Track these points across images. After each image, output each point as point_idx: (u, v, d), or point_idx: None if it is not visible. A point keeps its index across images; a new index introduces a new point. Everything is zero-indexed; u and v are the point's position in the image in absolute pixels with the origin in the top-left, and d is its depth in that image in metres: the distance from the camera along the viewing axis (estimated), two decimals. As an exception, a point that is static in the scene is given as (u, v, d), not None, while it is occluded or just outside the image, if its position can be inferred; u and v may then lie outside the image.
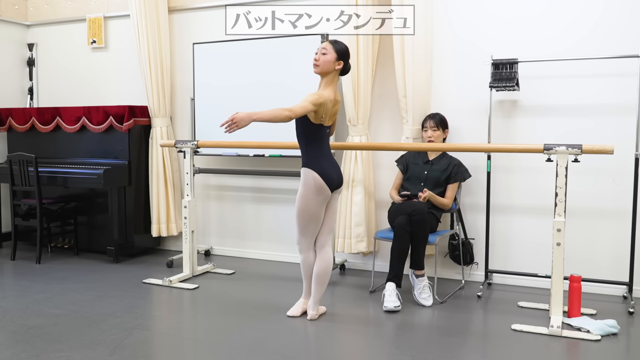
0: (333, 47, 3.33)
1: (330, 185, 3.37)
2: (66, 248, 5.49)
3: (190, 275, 4.53)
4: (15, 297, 3.98)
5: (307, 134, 3.38)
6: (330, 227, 3.54)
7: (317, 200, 3.36)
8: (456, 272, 4.44)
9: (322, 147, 3.41)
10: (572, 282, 3.55)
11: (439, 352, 3.03)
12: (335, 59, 3.32)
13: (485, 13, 4.27)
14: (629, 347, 3.15)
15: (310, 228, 3.43)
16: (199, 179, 5.32)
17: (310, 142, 3.38)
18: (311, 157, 3.37)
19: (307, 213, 3.38)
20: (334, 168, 3.43)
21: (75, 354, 2.99)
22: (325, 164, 3.38)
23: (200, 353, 3.03)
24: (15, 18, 5.95)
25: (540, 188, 4.16)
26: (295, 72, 4.63)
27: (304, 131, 3.38)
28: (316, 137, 3.38)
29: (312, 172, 3.34)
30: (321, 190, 3.35)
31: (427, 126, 4.18)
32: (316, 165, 3.35)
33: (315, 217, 3.40)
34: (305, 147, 3.40)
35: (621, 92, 3.93)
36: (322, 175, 3.34)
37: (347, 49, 3.39)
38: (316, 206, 3.37)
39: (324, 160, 3.39)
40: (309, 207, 3.37)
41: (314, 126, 3.34)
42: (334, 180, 3.41)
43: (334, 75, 3.37)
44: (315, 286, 3.50)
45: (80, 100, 5.81)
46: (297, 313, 3.57)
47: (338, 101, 3.42)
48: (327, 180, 3.35)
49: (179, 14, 5.34)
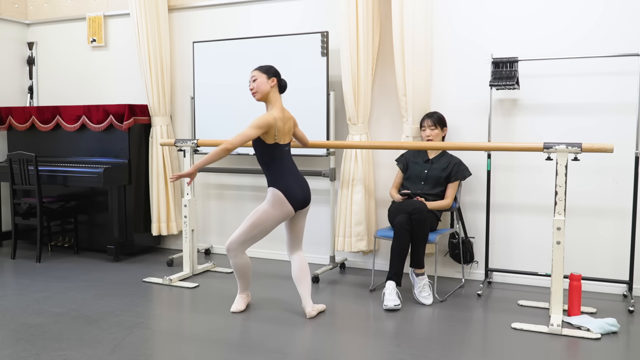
0: (260, 70, 3.49)
1: (294, 204, 3.47)
2: (66, 247, 5.49)
3: (191, 274, 4.53)
4: (16, 296, 3.99)
5: (265, 156, 3.49)
6: (299, 239, 3.66)
7: (275, 218, 3.47)
8: (456, 271, 4.44)
9: (284, 164, 3.49)
10: (572, 281, 3.55)
11: (439, 351, 3.03)
12: (267, 78, 3.47)
13: (485, 11, 4.27)
14: (629, 346, 3.15)
15: (254, 239, 3.54)
16: (199, 177, 5.32)
17: (270, 162, 3.49)
18: (274, 177, 3.48)
19: (260, 227, 3.49)
20: (300, 185, 3.51)
21: (76, 352, 2.99)
22: (292, 182, 3.47)
23: (201, 352, 3.03)
24: (15, 17, 5.96)
25: (540, 187, 4.16)
26: (296, 71, 4.63)
27: (261, 153, 3.50)
28: (274, 156, 3.48)
29: (278, 191, 3.45)
30: (283, 209, 3.45)
31: (425, 125, 4.18)
32: (281, 184, 3.46)
33: (265, 232, 3.53)
34: (267, 168, 3.51)
35: (621, 90, 3.93)
36: (287, 195, 3.44)
37: (273, 67, 3.54)
38: (272, 224, 3.49)
39: (289, 177, 3.48)
40: (265, 222, 3.48)
41: (269, 147, 3.45)
42: (300, 199, 3.49)
43: (273, 93, 3.50)
44: (305, 283, 3.59)
45: (80, 99, 5.82)
46: (241, 307, 3.67)
47: (290, 118, 3.56)
48: (292, 199, 3.45)
49: (179, 12, 5.34)
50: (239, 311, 3.65)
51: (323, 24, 4.75)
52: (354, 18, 4.33)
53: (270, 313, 3.64)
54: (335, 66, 4.60)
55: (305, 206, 3.57)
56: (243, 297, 3.74)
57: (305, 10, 4.86)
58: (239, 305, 3.69)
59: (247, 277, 3.68)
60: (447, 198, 4.08)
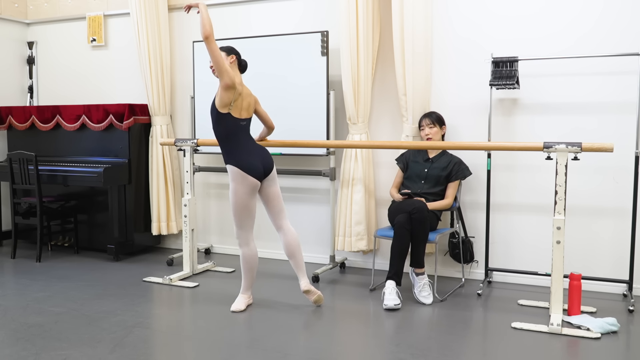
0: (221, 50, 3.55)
1: (254, 174, 3.52)
2: (66, 246, 5.49)
3: (191, 274, 4.53)
4: (16, 296, 3.99)
5: (219, 128, 3.54)
6: (278, 209, 3.71)
7: (244, 192, 3.52)
8: (456, 270, 4.44)
9: (238, 141, 3.55)
10: (572, 280, 3.55)
11: (439, 350, 3.03)
12: (226, 55, 3.56)
13: (486, 11, 4.27)
14: (629, 345, 3.15)
15: (245, 221, 3.59)
16: (199, 177, 5.32)
17: (224, 137, 3.55)
18: (228, 153, 3.56)
19: (239, 206, 3.55)
20: (256, 157, 3.57)
21: (76, 352, 3.00)
22: (245, 156, 3.53)
23: (201, 351, 3.03)
24: (15, 16, 5.95)
25: (540, 186, 4.16)
26: (296, 70, 4.63)
27: (216, 124, 3.54)
28: (229, 130, 3.53)
29: (231, 166, 3.53)
30: (245, 182, 3.51)
31: (424, 124, 4.18)
32: (233, 159, 3.53)
33: (247, 209, 3.56)
34: (220, 143, 3.59)
35: (621, 90, 3.93)
36: (242, 167, 3.50)
37: (233, 47, 3.65)
38: (245, 198, 3.53)
39: (242, 152, 3.54)
40: (238, 200, 3.54)
41: (223, 116, 3.50)
42: (258, 168, 3.55)
43: (233, 69, 3.57)
44: (298, 258, 3.68)
45: (80, 99, 5.81)
46: (242, 307, 3.68)
47: (249, 94, 3.63)
48: (249, 171, 3.50)
49: (179, 11, 5.34)
50: (239, 311, 3.66)
51: (323, 23, 4.75)
52: (354, 17, 4.33)
53: (270, 312, 3.64)
54: (335, 66, 4.60)
55: (268, 174, 3.62)
56: (245, 297, 3.75)
57: (306, 10, 4.86)
58: (240, 304, 3.69)
59: (252, 272, 3.70)
60: (447, 198, 4.08)
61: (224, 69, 3.43)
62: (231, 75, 3.46)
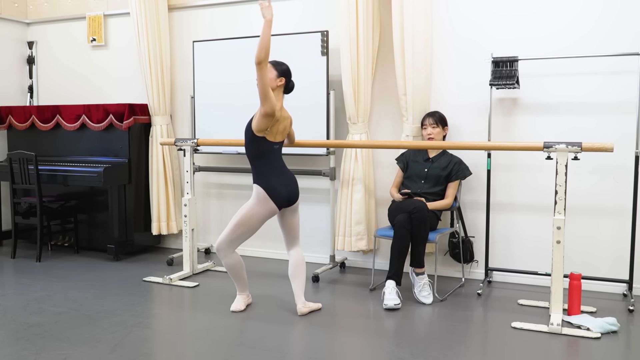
0: (273, 67, 3.47)
1: (278, 202, 3.47)
2: (66, 246, 5.49)
3: (191, 273, 4.53)
4: (16, 295, 3.99)
5: (253, 148, 3.48)
6: (293, 236, 3.68)
7: (260, 214, 3.48)
8: (456, 270, 4.44)
9: (271, 163, 3.49)
10: (572, 280, 3.55)
11: (439, 350, 3.03)
12: (277, 76, 3.47)
13: (486, 11, 4.27)
14: (629, 345, 3.15)
15: (241, 237, 3.55)
16: (199, 177, 5.32)
17: (256, 157, 3.49)
18: (258, 173, 3.50)
19: (246, 224, 3.51)
20: (285, 185, 3.50)
21: (76, 351, 3.00)
22: (275, 180, 3.47)
23: (201, 351, 3.03)
24: (15, 16, 5.95)
25: (540, 186, 4.16)
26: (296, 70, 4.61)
27: (250, 145, 3.48)
28: (262, 152, 3.47)
29: (260, 188, 3.46)
30: (267, 206, 3.47)
31: (427, 123, 4.18)
32: (262, 180, 3.47)
33: (251, 229, 3.54)
34: (253, 163, 3.52)
35: (621, 90, 3.93)
36: (270, 192, 3.45)
37: (286, 66, 3.53)
38: (257, 220, 3.51)
39: (274, 175, 3.48)
40: (250, 220, 3.50)
41: (258, 140, 3.44)
42: (284, 197, 3.49)
43: (277, 92, 3.49)
44: (298, 280, 3.62)
45: (80, 99, 5.81)
46: (241, 307, 3.67)
47: (287, 117, 3.55)
48: (275, 197, 3.46)
49: (179, 11, 5.34)
50: (239, 310, 3.65)
51: (323, 23, 4.75)
52: (354, 17, 4.33)
53: (270, 312, 3.64)
54: (335, 65, 4.60)
55: (291, 205, 3.57)
56: (243, 297, 3.74)
57: (305, 10, 4.86)
58: (239, 304, 3.69)
59: (241, 276, 3.68)
60: (447, 197, 4.08)
61: (269, 97, 3.30)
62: (273, 104, 3.33)
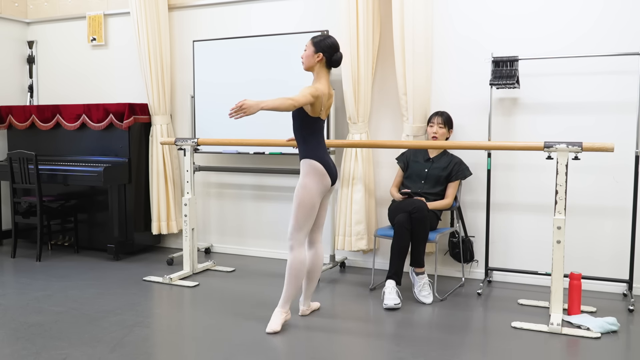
0: (311, 42, 3.35)
1: (331, 177, 3.36)
2: (66, 246, 5.49)
3: (191, 273, 4.53)
4: (16, 295, 3.99)
5: (305, 128, 3.36)
6: (322, 223, 3.51)
7: (318, 189, 3.32)
8: (456, 270, 4.44)
9: (320, 140, 3.41)
10: (572, 280, 3.55)
11: (439, 350, 3.03)
12: (314, 52, 3.32)
13: (486, 10, 4.27)
14: (628, 345, 3.15)
15: (308, 220, 3.35)
16: (199, 176, 5.32)
17: (308, 135, 3.37)
18: (311, 149, 3.35)
19: (308, 204, 3.31)
20: (332, 161, 3.44)
21: (76, 351, 3.00)
22: (325, 155, 3.38)
23: (201, 351, 3.03)
24: (15, 15, 5.95)
25: (541, 186, 4.16)
26: (296, 69, 4.62)
27: (301, 125, 3.37)
28: (314, 130, 3.37)
29: (314, 161, 3.31)
30: (323, 178, 3.32)
31: (434, 122, 4.17)
32: (316, 155, 3.33)
33: (314, 209, 3.34)
34: (303, 140, 3.38)
35: (621, 89, 3.93)
36: (324, 164, 3.33)
37: (326, 41, 3.34)
38: (316, 196, 3.32)
39: (323, 152, 3.38)
40: (310, 197, 3.30)
41: (311, 119, 3.33)
42: (334, 173, 3.40)
43: (319, 68, 3.35)
44: (310, 282, 3.53)
45: (81, 98, 5.81)
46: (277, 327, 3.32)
47: (332, 95, 3.42)
48: (329, 171, 3.34)
49: (179, 11, 5.34)
50: (274, 332, 3.27)
51: (323, 22, 4.74)
52: (354, 17, 4.33)
53: (270, 312, 3.63)
54: (335, 65, 4.59)
55: (334, 183, 3.43)
56: (282, 312, 3.37)
57: (306, 9, 4.86)
58: (276, 324, 3.31)
59: (297, 281, 3.35)
60: (447, 197, 4.08)
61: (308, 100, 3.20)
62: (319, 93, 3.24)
